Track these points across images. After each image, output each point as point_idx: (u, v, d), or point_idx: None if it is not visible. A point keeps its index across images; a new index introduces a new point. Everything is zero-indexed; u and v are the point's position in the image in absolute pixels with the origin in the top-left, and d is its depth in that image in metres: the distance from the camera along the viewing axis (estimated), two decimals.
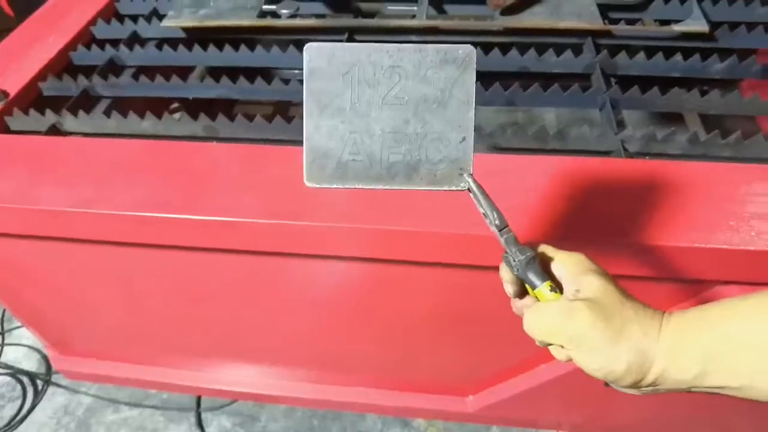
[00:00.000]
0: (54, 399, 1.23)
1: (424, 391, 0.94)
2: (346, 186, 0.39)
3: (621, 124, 0.68)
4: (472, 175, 0.39)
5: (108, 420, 1.18)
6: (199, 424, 1.16)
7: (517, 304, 0.45)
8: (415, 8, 0.85)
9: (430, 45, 0.38)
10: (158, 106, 0.78)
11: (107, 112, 0.73)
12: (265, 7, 0.87)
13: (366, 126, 0.39)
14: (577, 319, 0.37)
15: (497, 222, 0.39)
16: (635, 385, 0.38)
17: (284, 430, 1.15)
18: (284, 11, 0.86)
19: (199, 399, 1.19)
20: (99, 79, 0.80)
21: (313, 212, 0.58)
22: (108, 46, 0.87)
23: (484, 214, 0.40)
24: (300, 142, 0.40)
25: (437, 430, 1.13)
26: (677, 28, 0.78)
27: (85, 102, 0.79)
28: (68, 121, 0.74)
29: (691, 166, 0.60)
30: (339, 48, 0.38)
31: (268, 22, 0.85)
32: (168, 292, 0.82)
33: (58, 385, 1.24)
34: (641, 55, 0.75)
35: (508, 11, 0.81)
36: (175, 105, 1.04)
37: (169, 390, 1.16)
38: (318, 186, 0.39)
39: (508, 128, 0.66)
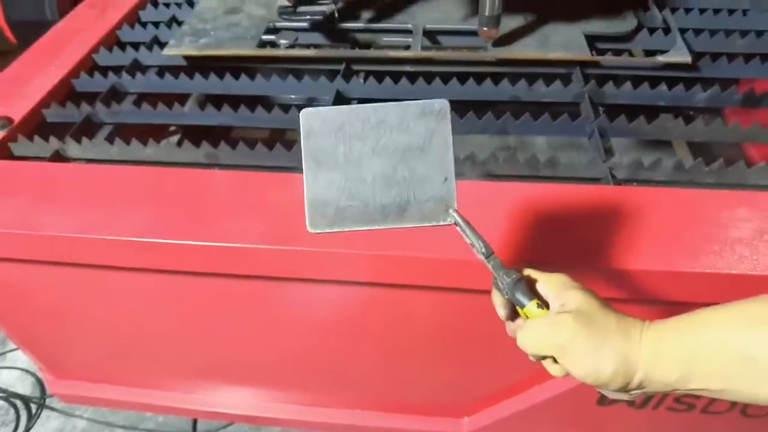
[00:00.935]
0: (48, 423, 1.22)
1: (419, 413, 0.95)
2: (345, 229, 0.44)
3: (609, 152, 0.70)
4: (456, 210, 0.44)
5: None
6: None
7: (510, 327, 0.48)
8: (410, 40, 0.88)
9: (410, 101, 0.43)
10: (157, 132, 0.80)
11: (110, 139, 0.75)
12: (264, 37, 0.90)
13: (359, 174, 0.43)
14: (563, 329, 0.41)
15: (483, 250, 0.43)
16: (623, 388, 0.40)
17: None
18: (283, 41, 0.89)
19: (195, 422, 1.19)
20: (101, 106, 0.82)
21: (311, 238, 0.60)
22: (110, 74, 0.89)
23: (471, 244, 0.44)
24: (299, 170, 0.44)
25: None
26: (662, 58, 0.82)
27: (88, 128, 0.81)
28: (71, 148, 0.76)
29: (676, 193, 0.63)
30: (330, 110, 0.44)
31: (268, 51, 0.87)
32: (166, 316, 0.83)
33: (53, 409, 1.24)
34: (628, 85, 0.78)
35: (499, 43, 0.84)
36: (173, 128, 1.07)
37: (165, 413, 1.16)
38: (320, 231, 0.44)
39: (501, 155, 0.68)
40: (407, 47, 0.87)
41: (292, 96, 1.06)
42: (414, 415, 0.94)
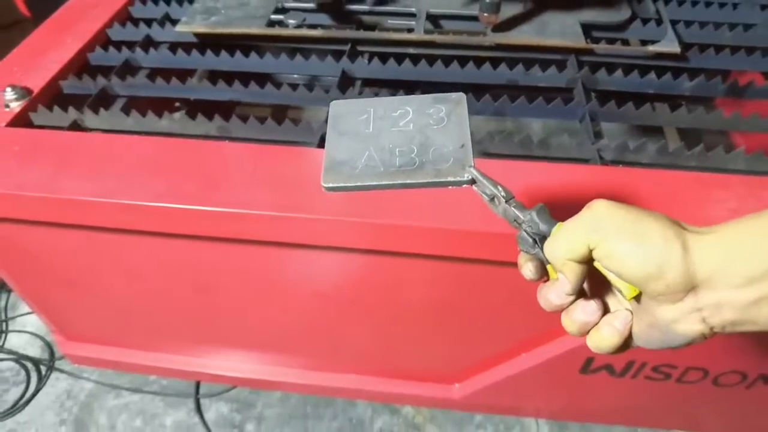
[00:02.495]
0: (57, 384, 1.27)
1: (412, 379, 1.00)
2: (358, 184, 0.44)
3: (598, 135, 0.75)
4: (473, 166, 0.44)
5: (109, 405, 1.23)
6: (198, 409, 1.21)
7: (543, 293, 0.42)
8: (413, 23, 0.92)
9: (429, 95, 0.48)
10: (165, 105, 0.83)
11: (126, 111, 0.79)
12: (273, 16, 0.94)
13: (378, 143, 0.46)
14: (595, 207, 0.37)
15: (503, 194, 0.43)
16: (684, 286, 0.34)
17: (279, 415, 1.20)
18: (291, 21, 0.92)
19: (198, 386, 1.24)
20: (116, 79, 0.86)
21: (317, 206, 0.65)
22: (124, 48, 0.93)
23: (490, 197, 0.44)
24: (307, 143, 0.48)
25: (424, 418, 1.19)
26: (652, 48, 0.86)
27: (104, 100, 0.84)
28: (89, 118, 0.79)
29: (659, 174, 0.67)
30: (357, 102, 0.49)
31: (276, 31, 0.91)
32: (174, 281, 0.87)
33: (61, 371, 1.29)
34: (619, 72, 0.82)
35: (498, 28, 0.88)
36: (177, 104, 1.10)
37: (169, 375, 1.21)
38: (334, 185, 0.44)
39: (497, 136, 0.73)
40: (410, 30, 0.91)
41: (295, 75, 1.10)
42: (408, 381, 1.00)
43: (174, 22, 0.97)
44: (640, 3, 0.97)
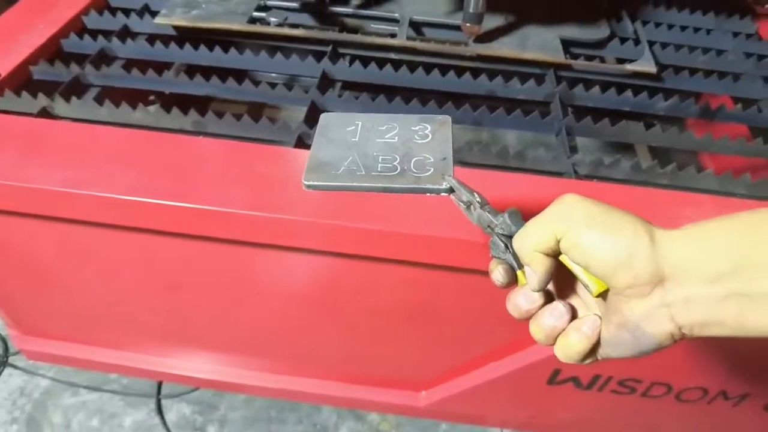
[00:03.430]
0: (10, 381, 1.23)
1: (379, 385, 1.00)
2: (338, 184, 0.45)
3: (574, 150, 0.76)
4: (452, 176, 0.46)
5: (66, 403, 1.19)
6: (159, 410, 1.18)
7: (513, 299, 0.42)
8: (396, 28, 0.92)
9: (416, 115, 0.51)
10: (140, 98, 0.82)
11: (99, 100, 0.77)
12: (255, 13, 0.93)
13: (362, 150, 0.47)
14: (565, 199, 0.37)
15: (479, 200, 0.44)
16: (652, 278, 0.33)
17: (242, 418, 1.18)
18: (273, 19, 0.91)
19: (160, 386, 1.21)
20: (91, 68, 0.84)
21: (291, 207, 0.64)
22: (100, 37, 0.90)
23: (466, 204, 0.45)
24: (284, 143, 0.47)
25: (390, 425, 1.19)
26: (629, 67, 0.87)
27: (76, 88, 0.82)
28: (59, 106, 0.77)
29: (632, 191, 0.68)
30: (346, 115, 0.51)
31: (258, 28, 0.90)
32: (138, 277, 0.85)
33: (15, 367, 1.24)
34: (596, 89, 0.84)
35: (480, 39, 0.88)
36: (152, 97, 1.08)
37: (131, 374, 1.18)
38: (314, 183, 0.45)
39: (474, 146, 0.73)
40: (393, 36, 0.91)
41: (273, 74, 1.09)
42: (375, 387, 0.99)
43: (153, 14, 0.95)
44: (618, 22, 0.99)
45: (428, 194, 0.45)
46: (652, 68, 0.87)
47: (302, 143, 0.74)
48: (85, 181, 0.65)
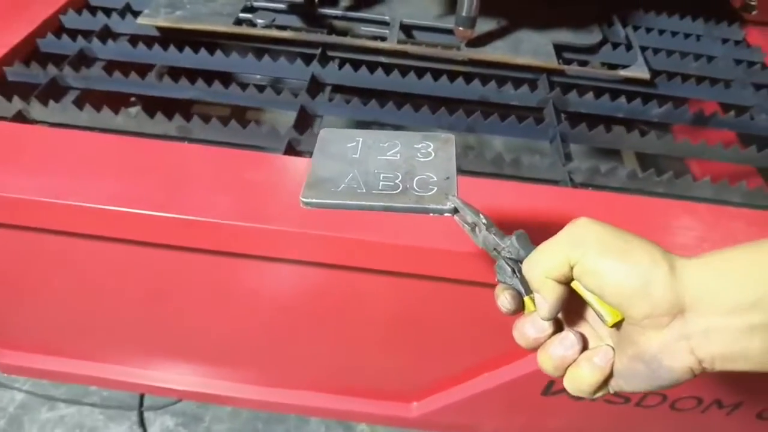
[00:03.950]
0: None
1: (368, 396, 0.97)
2: (338, 202, 0.43)
3: (568, 157, 0.74)
4: (456, 196, 0.43)
5: (42, 418, 1.15)
6: (141, 423, 1.15)
7: (519, 326, 0.40)
8: (387, 31, 0.90)
9: (419, 132, 0.49)
10: (120, 101, 0.78)
11: (79, 104, 0.73)
12: (242, 15, 0.90)
13: (363, 167, 0.45)
14: (578, 223, 0.36)
15: (484, 221, 0.42)
16: (672, 306, 0.32)
17: (228, 431, 1.15)
18: (260, 21, 0.89)
19: (142, 398, 1.18)
20: (69, 70, 0.80)
21: (279, 217, 0.61)
22: (79, 37, 0.87)
23: (471, 226, 0.43)
24: (273, 150, 0.48)
25: None
26: (622, 72, 0.86)
27: (54, 91, 0.78)
28: (36, 110, 0.73)
29: (630, 199, 0.67)
30: (347, 131, 0.49)
31: (244, 30, 0.87)
32: (122, 289, 0.82)
33: None
34: (590, 95, 0.82)
35: (472, 44, 0.87)
36: (133, 99, 1.05)
37: (111, 387, 1.14)
38: (313, 201, 0.43)
39: (469, 152, 0.71)
40: (383, 39, 0.89)
41: (258, 76, 1.07)
42: (364, 399, 0.97)
43: (135, 14, 0.92)
44: (610, 27, 0.99)
45: (431, 214, 0.43)
46: (645, 74, 0.86)
47: (292, 150, 0.71)
48: (63, 189, 0.62)
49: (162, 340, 0.93)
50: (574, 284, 0.36)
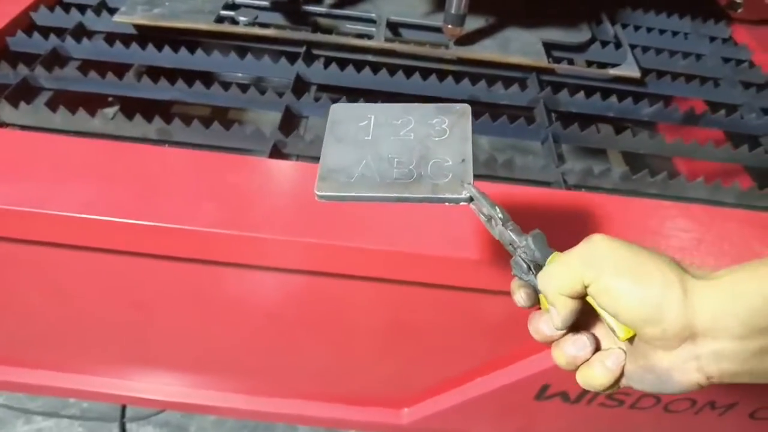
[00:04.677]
0: None
1: (358, 404, 0.95)
2: (353, 194, 0.41)
3: (561, 158, 0.73)
4: (472, 184, 0.42)
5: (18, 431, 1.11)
6: None
7: (534, 322, 0.40)
8: (373, 29, 0.87)
9: (434, 104, 0.46)
10: (96, 102, 0.75)
11: (52, 106, 0.70)
12: (223, 12, 0.87)
13: (376, 152, 0.43)
14: (594, 241, 0.36)
15: (501, 215, 0.41)
16: (683, 331, 0.32)
17: None
18: (242, 18, 0.86)
19: (123, 408, 1.14)
20: (41, 70, 0.76)
21: (264, 224, 0.59)
22: (52, 35, 0.83)
23: (487, 217, 0.42)
24: (258, 152, 0.47)
25: None
26: (613, 71, 0.85)
27: (25, 92, 0.75)
28: (6, 112, 0.70)
29: (624, 201, 0.66)
30: (357, 106, 0.47)
31: (226, 28, 0.84)
32: (100, 299, 0.78)
33: None
34: (581, 95, 0.81)
35: (460, 42, 0.85)
36: (110, 99, 1.01)
37: (91, 398, 1.10)
38: (328, 194, 0.41)
39: None
40: (370, 37, 0.86)
41: (239, 74, 1.03)
42: (354, 406, 0.95)
43: (111, 11, 0.88)
44: (599, 25, 0.97)
45: (447, 204, 0.41)
46: (635, 73, 0.85)
47: (278, 152, 0.69)
48: (36, 197, 0.59)
49: (144, 350, 0.90)
50: (589, 299, 0.36)
